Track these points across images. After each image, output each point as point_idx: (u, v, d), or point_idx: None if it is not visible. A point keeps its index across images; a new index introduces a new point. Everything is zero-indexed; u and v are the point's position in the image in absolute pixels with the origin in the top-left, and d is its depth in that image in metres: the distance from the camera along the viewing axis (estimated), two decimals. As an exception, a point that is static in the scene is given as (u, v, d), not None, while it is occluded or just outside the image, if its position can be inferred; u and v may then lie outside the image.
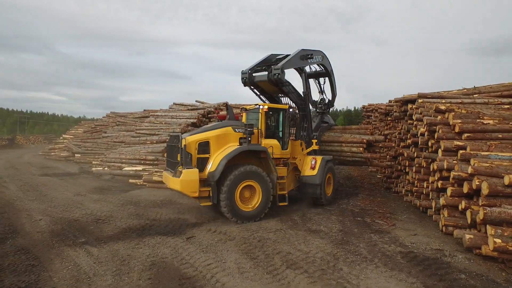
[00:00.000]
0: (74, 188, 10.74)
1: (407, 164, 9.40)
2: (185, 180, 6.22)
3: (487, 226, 4.70)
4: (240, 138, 7.15)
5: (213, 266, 4.51)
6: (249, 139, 7.06)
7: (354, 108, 57.66)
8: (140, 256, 4.84)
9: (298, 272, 4.36)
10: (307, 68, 10.01)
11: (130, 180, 12.24)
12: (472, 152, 5.97)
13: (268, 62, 8.95)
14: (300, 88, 9.02)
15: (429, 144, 7.42)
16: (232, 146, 6.98)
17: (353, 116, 49.95)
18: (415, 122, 8.63)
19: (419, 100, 8.97)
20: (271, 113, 7.93)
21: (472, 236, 4.87)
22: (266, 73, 8.17)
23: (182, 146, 6.39)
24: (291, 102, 9.07)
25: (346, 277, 4.23)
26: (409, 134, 9.32)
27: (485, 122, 6.59)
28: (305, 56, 8.96)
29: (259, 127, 7.48)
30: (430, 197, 7.40)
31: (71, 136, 24.45)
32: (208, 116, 16.70)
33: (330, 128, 12.27)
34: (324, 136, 11.52)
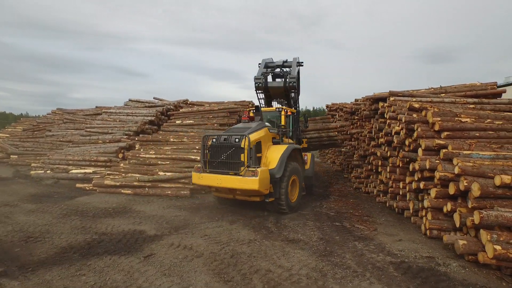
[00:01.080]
0: (2, 196, 8.93)
1: (379, 164, 9.16)
2: (263, 178, 6.51)
3: (481, 231, 4.36)
4: (273, 138, 7.94)
5: (178, 295, 3.61)
6: (283, 139, 8.17)
7: (313, 108, 60.02)
8: None
9: (283, 296, 3.62)
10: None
11: (78, 185, 10.65)
12: (454, 151, 5.71)
13: (268, 68, 10.10)
14: None
15: (406, 143, 7.14)
16: (270, 145, 7.66)
17: (312, 116, 51.23)
18: (388, 121, 8.36)
19: (391, 98, 8.76)
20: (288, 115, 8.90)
21: (465, 242, 4.51)
22: (282, 80, 9.58)
23: (251, 146, 6.73)
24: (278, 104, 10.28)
25: (339, 299, 3.59)
26: (381, 133, 9.08)
27: (463, 120, 6.42)
28: (298, 63, 10.14)
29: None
30: (407, 198, 7.13)
31: (7, 135, 21.38)
32: (167, 113, 15.48)
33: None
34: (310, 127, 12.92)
